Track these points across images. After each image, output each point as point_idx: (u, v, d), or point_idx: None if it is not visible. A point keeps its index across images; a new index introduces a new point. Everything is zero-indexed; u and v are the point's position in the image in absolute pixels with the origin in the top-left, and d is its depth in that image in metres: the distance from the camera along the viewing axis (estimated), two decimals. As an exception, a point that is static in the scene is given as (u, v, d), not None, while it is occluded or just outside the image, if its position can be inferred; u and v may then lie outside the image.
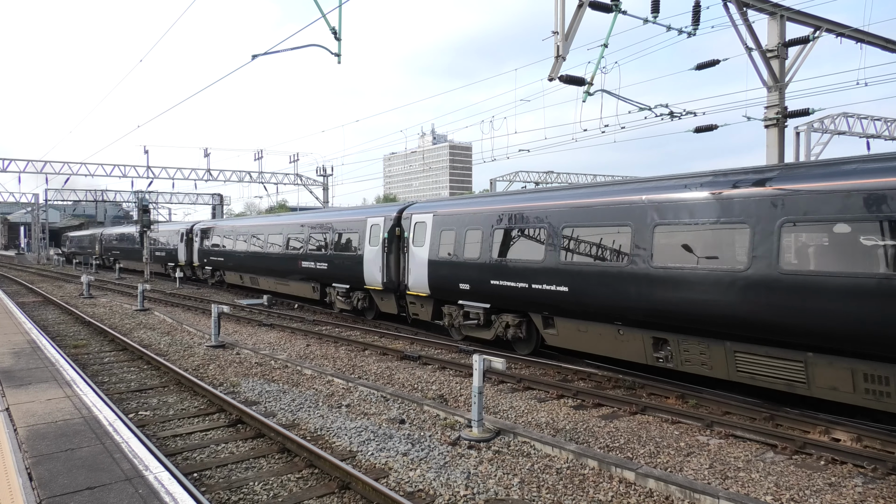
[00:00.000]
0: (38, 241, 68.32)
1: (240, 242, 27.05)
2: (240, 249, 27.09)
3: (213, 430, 8.79)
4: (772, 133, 16.31)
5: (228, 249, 28.30)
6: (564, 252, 11.74)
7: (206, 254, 31.17)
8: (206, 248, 31.00)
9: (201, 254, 31.67)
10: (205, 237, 31.37)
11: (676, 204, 9.85)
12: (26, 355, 11.45)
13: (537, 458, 7.64)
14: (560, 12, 12.38)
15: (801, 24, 16.62)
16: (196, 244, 32.42)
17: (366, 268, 18.19)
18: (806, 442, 8.03)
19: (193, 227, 33.19)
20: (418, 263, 15.82)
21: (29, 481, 5.48)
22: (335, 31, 11.01)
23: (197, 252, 32.30)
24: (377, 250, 17.63)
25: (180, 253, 34.47)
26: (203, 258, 31.58)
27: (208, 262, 30.97)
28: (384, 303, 18.30)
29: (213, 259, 30.29)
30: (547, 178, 53.04)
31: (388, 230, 17.33)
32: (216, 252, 29.83)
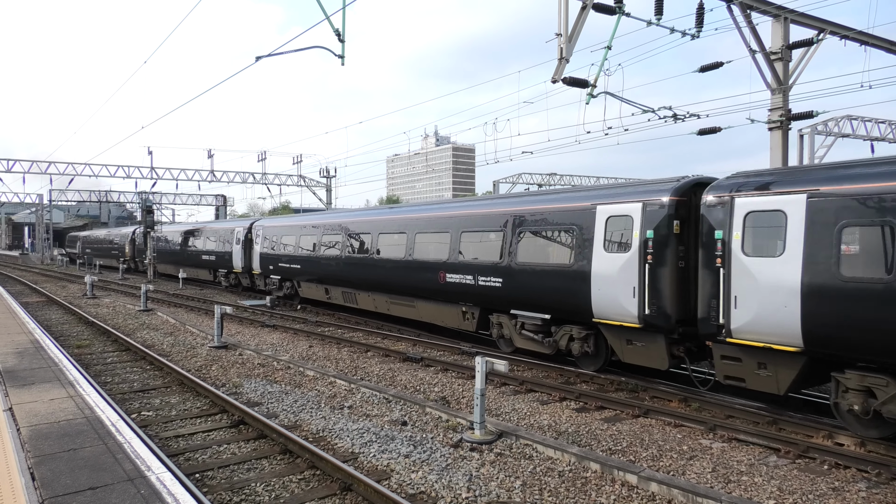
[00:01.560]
0: (42, 242, 68.52)
1: (327, 244, 20.67)
2: (327, 254, 20.52)
3: (215, 430, 8.79)
4: (776, 135, 16.27)
5: (307, 254, 21.82)
6: None
7: (271, 260, 24.63)
8: (271, 252, 24.63)
9: (265, 260, 25.11)
10: (269, 238, 25.05)
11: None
12: (30, 355, 11.48)
13: (539, 460, 7.63)
14: (563, 14, 12.38)
15: (804, 27, 16.58)
16: (257, 247, 25.93)
17: (597, 287, 11.17)
18: (809, 446, 8.00)
19: (253, 226, 26.92)
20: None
21: (31, 481, 5.49)
22: (339, 33, 11.03)
23: (258, 257, 25.67)
24: (628, 259, 10.70)
25: (236, 258, 28.08)
26: (267, 265, 25.02)
27: (275, 269, 24.41)
28: (637, 352, 11.01)
29: (282, 266, 23.68)
30: (550, 179, 53.02)
31: (653, 224, 10.42)
32: (287, 258, 23.27)
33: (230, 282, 30.36)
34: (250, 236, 26.95)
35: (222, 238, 30.05)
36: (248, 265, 27.13)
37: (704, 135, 16.79)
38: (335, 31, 11.02)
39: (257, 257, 25.90)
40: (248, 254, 27.13)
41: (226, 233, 29.79)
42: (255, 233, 26.39)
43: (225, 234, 29.88)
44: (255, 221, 27.55)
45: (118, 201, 67.05)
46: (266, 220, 27.99)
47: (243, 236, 27.41)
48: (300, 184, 53.82)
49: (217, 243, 30.61)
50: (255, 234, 26.41)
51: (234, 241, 28.42)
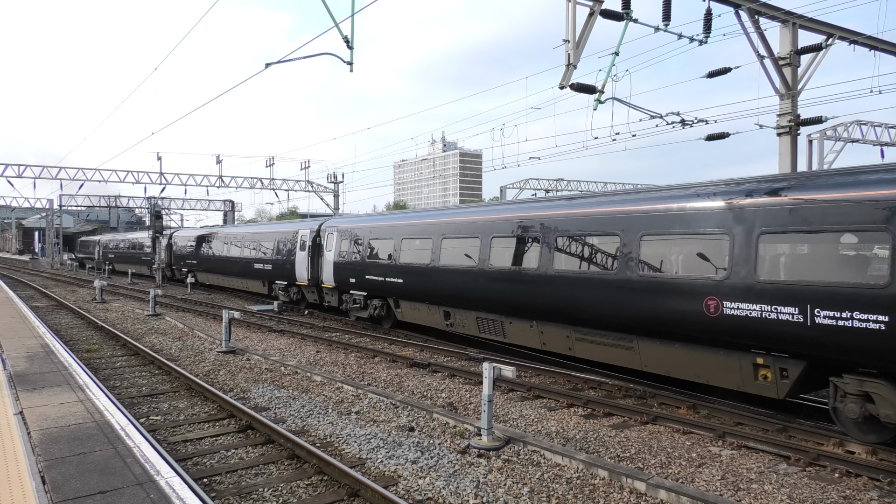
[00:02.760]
0: (52, 246, 69.04)
1: (455, 251, 15.03)
2: (454, 265, 14.91)
3: (223, 435, 8.82)
4: (784, 141, 16.20)
5: (415, 264, 16.36)
6: None
7: (352, 270, 19.41)
8: (353, 260, 19.43)
9: (342, 270, 19.99)
10: (349, 243, 19.85)
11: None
12: (40, 359, 11.56)
13: (547, 467, 7.60)
14: (571, 21, 12.40)
15: (813, 32, 16.55)
16: (329, 254, 20.89)
17: None
18: (820, 454, 7.93)
19: (323, 229, 21.87)
20: None
21: (42, 484, 5.53)
22: (347, 40, 11.09)
23: (331, 267, 20.66)
24: None
25: (300, 267, 23.21)
26: (346, 277, 19.73)
27: (358, 283, 19.07)
28: None
29: (370, 280, 18.39)
30: (557, 185, 52.99)
31: None
32: (379, 268, 17.96)
33: (290, 297, 24.92)
34: (319, 240, 21.84)
35: (281, 243, 24.97)
36: (317, 277, 21.94)
37: (713, 140, 16.75)
38: (344, 37, 11.09)
39: (329, 267, 20.63)
40: (315, 263, 22.02)
41: (286, 236, 24.67)
42: (326, 236, 21.19)
43: (285, 237, 24.77)
44: (324, 222, 22.32)
45: (127, 206, 67.51)
46: (342, 219, 22.67)
47: (310, 240, 22.36)
48: (308, 189, 54.03)
49: (274, 249, 25.51)
50: (325, 238, 21.26)
51: (297, 246, 23.35)
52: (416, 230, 16.77)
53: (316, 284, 22.30)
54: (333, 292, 21.11)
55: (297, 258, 23.38)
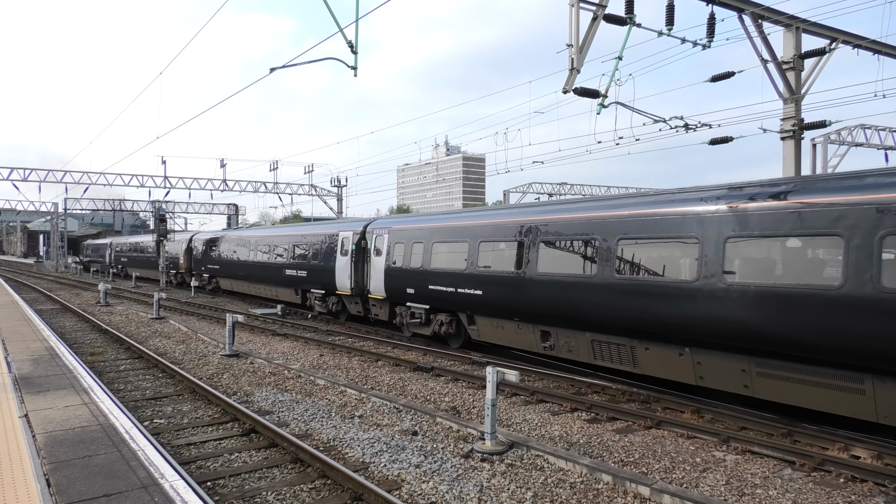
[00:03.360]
0: (57, 250, 69.29)
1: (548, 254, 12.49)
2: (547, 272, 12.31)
3: (226, 439, 8.83)
4: (788, 145, 16.19)
5: (488, 271, 13.84)
6: None
7: (410, 279, 16.61)
8: (409, 267, 16.63)
9: (396, 279, 17.20)
10: (406, 246, 16.90)
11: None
12: (45, 362, 11.60)
13: (551, 471, 7.59)
14: (575, 25, 12.43)
15: (817, 36, 16.54)
16: (379, 259, 17.98)
17: None
18: (825, 459, 7.90)
19: (369, 230, 19.12)
20: None
21: (47, 487, 5.54)
22: (352, 45, 11.14)
23: (381, 275, 17.77)
24: None
25: (341, 274, 20.26)
26: (401, 287, 17.01)
27: (418, 294, 16.29)
28: None
29: (436, 291, 15.57)
30: (560, 189, 52.98)
31: None
32: (448, 277, 15.09)
33: (328, 307, 22.00)
34: (364, 244, 19.23)
35: (318, 246, 22.13)
36: (361, 285, 19.25)
37: (716, 144, 16.74)
38: (348, 42, 11.14)
39: (379, 275, 17.93)
40: (360, 269, 19.35)
41: (324, 239, 21.83)
42: (375, 238, 18.52)
43: (323, 240, 21.92)
44: (371, 223, 19.76)
45: (132, 210, 67.73)
46: (395, 219, 20.02)
47: (353, 244, 19.70)
48: (311, 193, 54.16)
49: (310, 253, 22.70)
50: (372, 241, 18.61)
51: (338, 250, 20.64)
52: (500, 231, 13.70)
53: (360, 294, 19.43)
54: (383, 304, 18.18)
55: (338, 264, 20.49)
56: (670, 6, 14.18)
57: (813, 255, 8.69)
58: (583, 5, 12.65)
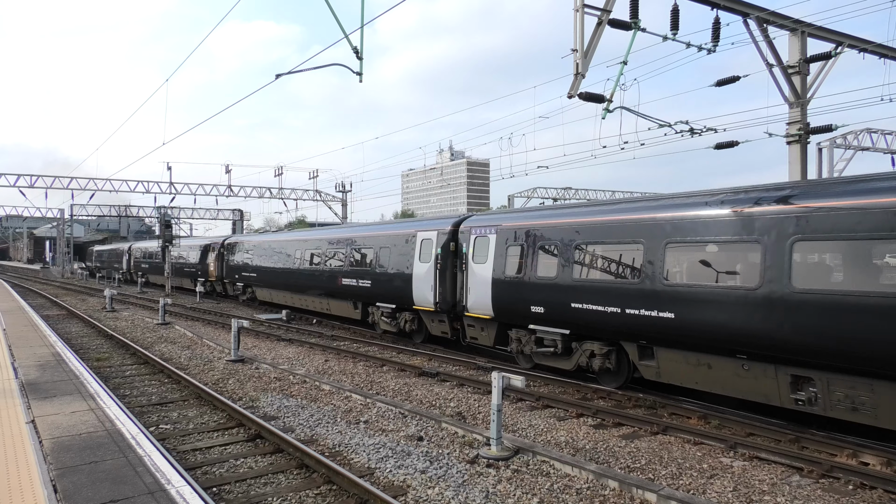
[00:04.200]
0: (63, 256, 69.60)
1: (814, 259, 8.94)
2: (807, 288, 8.46)
3: (232, 444, 8.83)
4: (794, 149, 16.15)
5: (693, 285, 9.97)
6: None
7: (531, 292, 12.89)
8: (530, 275, 12.94)
9: (507, 291, 13.51)
10: (521, 248, 13.26)
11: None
12: (51, 368, 11.64)
13: (557, 477, 7.56)
14: (579, 30, 12.45)
15: (822, 40, 16.52)
16: (482, 267, 14.18)
17: None
18: (833, 465, 7.84)
19: (463, 230, 15.21)
20: None
21: (54, 493, 5.55)
22: (357, 51, 11.18)
23: (488, 286, 13.92)
24: None
25: (420, 285, 16.44)
26: (518, 302, 13.21)
27: (550, 314, 12.46)
28: None
29: (581, 311, 11.78)
30: (565, 194, 52.97)
31: None
32: (615, 293, 11.18)
33: (400, 325, 17.83)
34: (456, 247, 15.39)
35: (387, 250, 18.10)
36: (449, 299, 15.45)
37: (721, 149, 16.71)
38: (353, 48, 11.18)
39: (483, 287, 13.97)
40: (447, 279, 15.53)
41: (396, 241, 17.82)
42: (475, 241, 14.49)
43: (393, 243, 17.88)
44: (463, 220, 15.56)
45: (138, 216, 68.02)
46: (506, 215, 14.86)
47: (437, 247, 15.81)
48: (316, 198, 54.31)
49: (375, 259, 18.71)
50: (471, 244, 14.57)
51: (416, 254, 16.71)
52: (716, 227, 9.68)
53: (448, 311, 15.64)
54: (488, 325, 14.26)
55: (416, 272, 16.58)
56: (675, 11, 14.20)
57: None
58: (588, 11, 12.67)
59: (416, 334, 17.74)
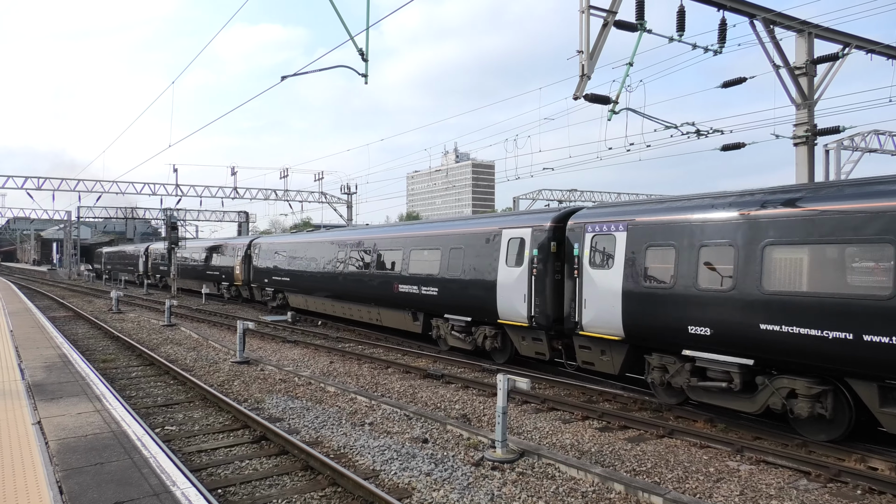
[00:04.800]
0: (70, 258, 69.92)
1: None
2: None
3: (237, 446, 8.83)
4: (801, 151, 16.07)
5: None
6: None
7: (688, 306, 9.96)
8: (670, 286, 10.23)
9: (648, 306, 10.62)
10: (677, 247, 10.19)
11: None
12: (57, 369, 11.68)
13: (562, 480, 7.52)
14: (585, 32, 12.42)
15: (829, 41, 16.44)
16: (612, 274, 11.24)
17: None
18: (841, 470, 7.78)
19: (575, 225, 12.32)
20: None
21: (59, 494, 5.56)
22: (362, 53, 11.19)
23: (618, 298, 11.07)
24: None
25: (507, 293, 13.71)
26: (670, 319, 10.21)
27: (719, 334, 9.50)
28: None
29: (772, 335, 8.77)
30: (570, 195, 52.91)
31: None
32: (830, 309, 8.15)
33: (476, 341, 14.99)
34: (556, 247, 12.67)
35: (461, 251, 15.26)
36: (550, 313, 12.66)
37: (728, 150, 16.63)
38: (359, 50, 11.19)
39: (609, 299, 11.18)
40: (545, 287, 12.74)
41: (473, 240, 15.00)
42: (592, 240, 11.72)
43: (469, 242, 15.10)
44: (573, 214, 12.65)
45: (144, 218, 68.30)
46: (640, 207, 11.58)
47: (533, 248, 13.05)
48: (321, 200, 54.40)
49: (444, 261, 15.83)
50: (585, 244, 11.79)
51: (501, 256, 13.88)
52: None
53: (547, 327, 12.79)
54: (614, 348, 11.39)
55: (502, 278, 13.79)
56: (681, 12, 14.14)
57: None
58: (593, 12, 12.64)
59: (498, 353, 14.88)
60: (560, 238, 12.70)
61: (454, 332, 15.75)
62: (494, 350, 14.87)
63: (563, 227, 12.64)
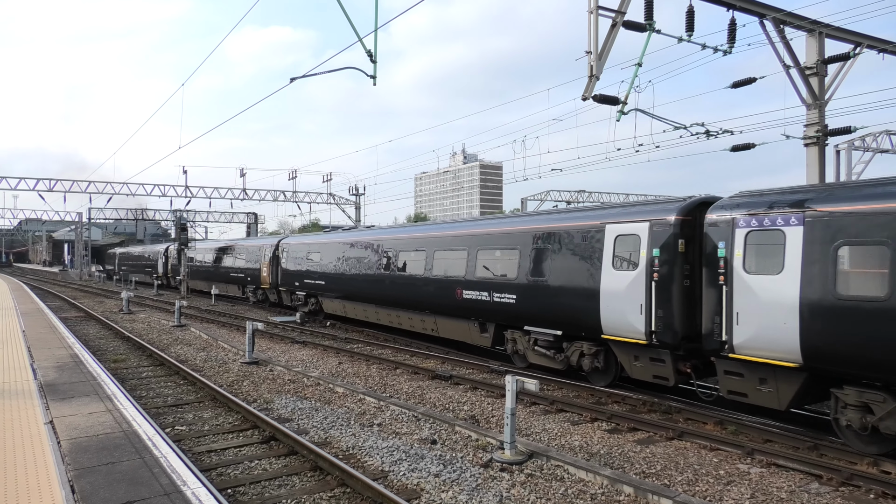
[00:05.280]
0: (81, 259, 70.50)
1: None
2: None
3: (246, 446, 8.87)
4: (811, 152, 15.96)
5: None
6: None
7: None
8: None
9: (861, 325, 7.83)
10: None
11: None
12: (69, 369, 11.78)
13: (571, 482, 7.51)
14: (594, 32, 12.41)
15: (840, 41, 16.32)
16: (777, 277, 8.83)
17: None
18: (853, 473, 7.71)
19: (717, 215, 9.77)
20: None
21: (71, 494, 5.61)
22: (371, 54, 11.24)
23: (791, 312, 8.60)
24: None
25: (613, 302, 11.34)
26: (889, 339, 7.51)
27: None
28: None
29: None
30: (578, 196, 52.81)
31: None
32: None
33: (569, 360, 12.62)
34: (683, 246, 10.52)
35: (543, 252, 12.99)
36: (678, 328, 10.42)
37: (738, 151, 16.55)
38: (367, 51, 11.23)
39: (776, 313, 8.87)
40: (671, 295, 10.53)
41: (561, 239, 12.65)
42: (745, 237, 9.38)
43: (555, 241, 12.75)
44: (703, 202, 10.64)
45: (154, 219, 68.77)
46: (817, 191, 9.00)
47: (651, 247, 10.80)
48: (330, 201, 54.57)
49: (525, 263, 13.39)
50: (731, 242, 9.52)
51: (604, 256, 11.59)
52: None
53: (676, 345, 10.48)
54: (783, 377, 9.03)
55: (607, 283, 11.40)
56: (690, 12, 14.11)
57: None
58: (602, 13, 12.63)
59: (598, 375, 12.24)
60: (688, 234, 10.51)
61: (538, 347, 13.24)
62: (595, 371, 12.28)
63: (691, 221, 10.51)
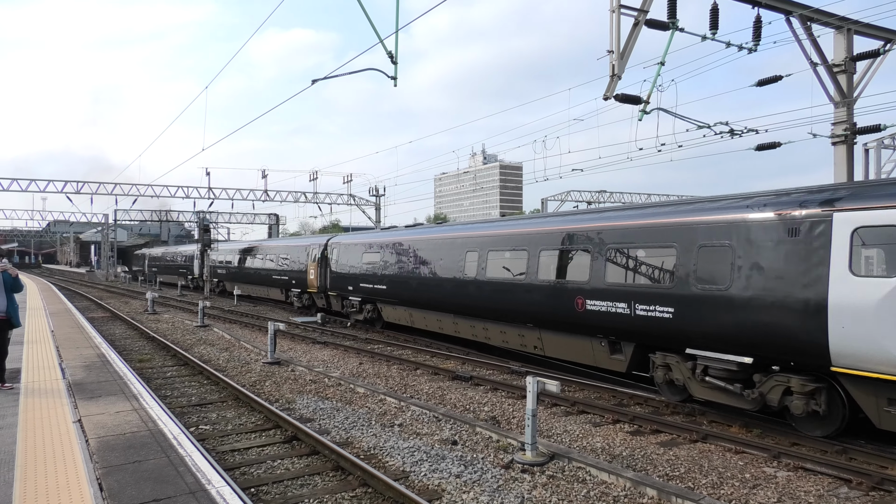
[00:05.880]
0: (107, 259, 71.80)
1: None
2: None
3: (269, 445, 8.95)
4: (840, 150, 15.64)
5: None
6: None
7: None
8: None
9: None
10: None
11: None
12: (96, 369, 12.00)
13: (593, 484, 7.45)
14: (616, 31, 12.31)
15: (869, 38, 15.98)
16: None
17: None
18: (884, 478, 7.53)
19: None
20: None
21: (100, 491, 5.71)
22: (392, 56, 11.28)
23: None
24: None
25: (854, 322, 7.78)
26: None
27: None
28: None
29: None
30: (600, 197, 52.42)
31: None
32: None
33: (766, 396, 9.17)
34: None
35: (713, 251, 9.67)
36: None
37: (763, 150, 16.29)
38: (388, 53, 11.27)
39: None
40: None
41: (741, 234, 9.29)
42: None
43: (729, 237, 9.46)
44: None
45: (178, 220, 69.81)
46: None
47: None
48: (350, 203, 54.89)
49: (682, 266, 10.10)
50: None
51: (828, 258, 8.16)
52: None
53: None
54: None
55: (840, 293, 8.08)
56: (714, 10, 13.92)
57: None
58: (624, 11, 12.52)
59: (812, 422, 9.01)
60: None
61: (711, 378, 9.90)
62: (810, 416, 8.91)
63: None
